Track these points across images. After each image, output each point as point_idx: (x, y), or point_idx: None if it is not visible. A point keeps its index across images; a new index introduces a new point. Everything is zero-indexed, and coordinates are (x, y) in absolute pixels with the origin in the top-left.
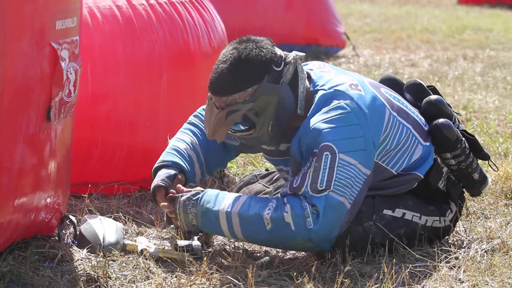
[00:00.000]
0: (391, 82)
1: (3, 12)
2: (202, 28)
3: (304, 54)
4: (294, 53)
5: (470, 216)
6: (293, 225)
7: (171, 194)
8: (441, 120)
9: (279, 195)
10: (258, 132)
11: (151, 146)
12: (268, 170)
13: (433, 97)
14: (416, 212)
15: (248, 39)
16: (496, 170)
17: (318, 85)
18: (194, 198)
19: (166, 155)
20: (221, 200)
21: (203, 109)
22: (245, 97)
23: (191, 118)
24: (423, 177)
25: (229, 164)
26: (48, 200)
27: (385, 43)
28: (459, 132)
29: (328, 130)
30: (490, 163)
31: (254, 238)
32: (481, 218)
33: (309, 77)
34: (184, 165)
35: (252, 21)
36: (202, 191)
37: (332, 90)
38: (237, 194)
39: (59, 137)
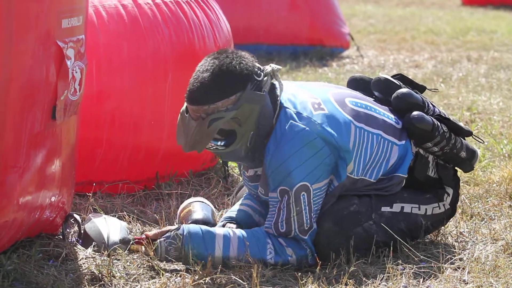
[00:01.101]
0: (358, 83)
1: (8, 11)
2: (208, 27)
3: (280, 67)
4: (271, 65)
5: (474, 217)
6: (297, 264)
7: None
8: (413, 113)
9: (264, 229)
10: (236, 145)
11: (156, 145)
12: None
13: (400, 91)
14: (414, 203)
15: (226, 50)
16: (482, 142)
17: (282, 100)
18: (175, 242)
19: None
20: (210, 241)
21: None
22: (228, 105)
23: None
24: (406, 176)
25: (233, 164)
26: (53, 198)
27: (389, 44)
28: (433, 119)
29: (299, 168)
30: (475, 137)
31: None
32: (486, 219)
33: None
34: (235, 216)
35: (256, 21)
36: (178, 229)
37: (295, 111)
38: (223, 233)
39: (64, 136)
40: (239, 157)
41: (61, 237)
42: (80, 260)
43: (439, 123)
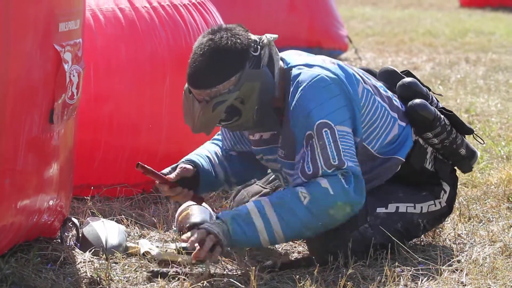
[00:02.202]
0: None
1: (6, 15)
2: (205, 31)
3: (276, 36)
4: (266, 35)
5: (472, 219)
6: (331, 188)
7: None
8: (416, 100)
9: (293, 180)
10: (242, 120)
11: (154, 148)
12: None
13: (407, 79)
14: (409, 202)
15: (220, 28)
16: (483, 143)
17: (290, 63)
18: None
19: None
20: (242, 207)
21: (217, 134)
22: (229, 86)
23: (206, 143)
24: (404, 160)
25: None
26: (51, 202)
27: (388, 46)
28: (436, 110)
29: (316, 108)
30: (475, 136)
31: (292, 223)
32: (484, 221)
33: (281, 59)
34: (198, 161)
35: (255, 24)
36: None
37: (306, 64)
38: (255, 206)
39: (62, 140)
40: (247, 128)
41: (59, 240)
42: (78, 264)
43: (441, 115)
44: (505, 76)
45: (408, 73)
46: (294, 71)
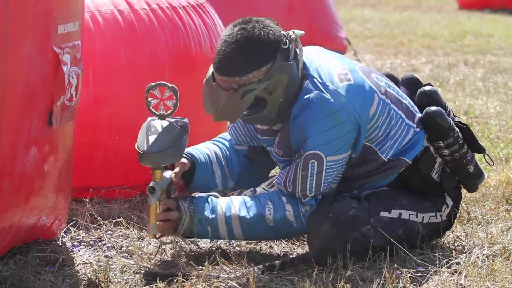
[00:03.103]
0: (388, 78)
1: (5, 17)
2: (204, 33)
3: (303, 32)
4: (294, 31)
5: (471, 221)
6: (295, 222)
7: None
8: (433, 108)
9: (275, 184)
10: (267, 111)
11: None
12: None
13: (427, 87)
14: (412, 210)
15: (251, 20)
16: (492, 164)
17: (308, 68)
18: (192, 206)
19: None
20: (215, 206)
21: (219, 137)
22: (260, 76)
23: (213, 138)
24: (410, 162)
25: None
26: (50, 204)
27: (386, 48)
28: (451, 121)
29: (316, 136)
30: (486, 157)
31: (254, 236)
32: (482, 223)
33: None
34: (197, 156)
35: None
36: (191, 196)
37: (321, 81)
38: (227, 198)
39: (61, 142)
40: (265, 121)
41: (58, 242)
42: (77, 265)
43: (456, 128)
44: (504, 78)
45: (430, 85)
46: (309, 83)
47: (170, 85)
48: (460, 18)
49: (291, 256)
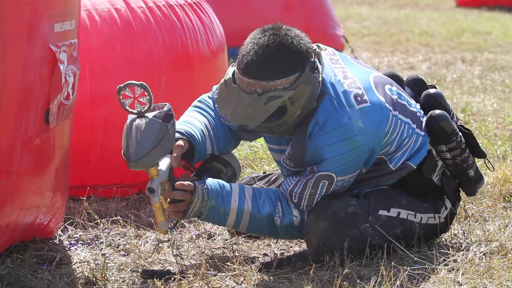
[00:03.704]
0: (393, 78)
1: (1, 15)
2: (201, 31)
3: (326, 48)
4: (319, 45)
5: (468, 218)
6: (299, 226)
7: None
8: (437, 111)
9: (281, 188)
10: (283, 121)
11: None
12: (265, 173)
13: (432, 90)
14: (411, 210)
15: (282, 27)
16: (492, 170)
17: (326, 84)
18: (205, 188)
19: (178, 125)
20: (228, 194)
21: (208, 97)
22: (286, 84)
23: (196, 103)
24: (415, 167)
25: None
26: (47, 202)
27: (384, 46)
28: (455, 125)
29: (332, 159)
30: (487, 162)
31: (257, 232)
32: (480, 220)
33: None
34: (195, 135)
35: (251, 24)
36: (204, 181)
37: (338, 102)
38: (239, 187)
39: (58, 140)
40: (275, 132)
41: (55, 241)
42: (74, 264)
43: (459, 132)
44: (501, 76)
45: (434, 87)
46: (327, 103)
47: (138, 82)
48: (457, 16)
49: (288, 254)
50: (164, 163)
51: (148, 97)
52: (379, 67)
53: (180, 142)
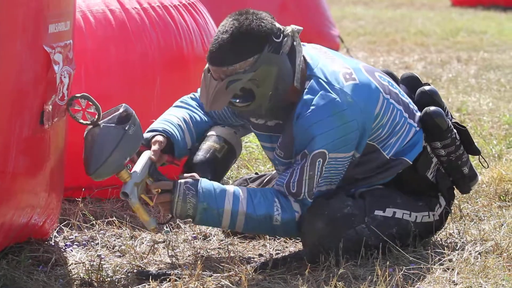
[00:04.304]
0: (388, 76)
1: None
2: (196, 31)
3: (301, 28)
4: (292, 26)
5: (463, 218)
6: (299, 224)
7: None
8: (432, 107)
9: (275, 186)
10: (256, 104)
11: (144, 149)
12: (258, 174)
13: (427, 87)
14: (406, 209)
15: (247, 11)
16: (487, 166)
17: (312, 69)
18: (193, 189)
19: (155, 124)
20: (221, 196)
21: (191, 97)
22: (246, 67)
23: (176, 102)
24: (411, 163)
25: None
26: (42, 204)
27: (379, 45)
28: (450, 122)
29: (321, 135)
30: (481, 159)
31: (253, 231)
32: (475, 220)
33: (304, 55)
34: (172, 130)
35: None
36: (197, 181)
37: (326, 80)
38: (233, 189)
39: (53, 141)
40: (259, 115)
41: (51, 242)
42: (70, 265)
43: (453, 129)
44: (496, 75)
45: (430, 85)
46: (314, 83)
47: (79, 95)
48: (452, 15)
49: (283, 254)
50: (139, 163)
51: (95, 106)
52: (374, 67)
53: (159, 138)
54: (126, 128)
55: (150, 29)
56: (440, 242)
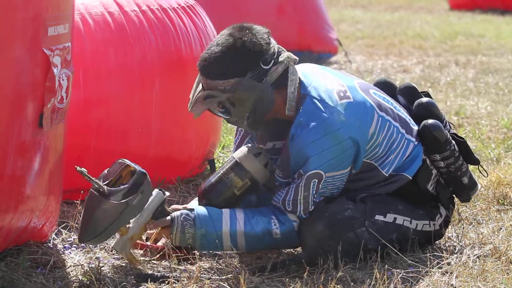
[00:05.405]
0: (386, 86)
1: None
2: (194, 34)
3: (297, 58)
4: (287, 54)
5: (462, 221)
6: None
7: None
8: (430, 120)
9: (272, 202)
10: (233, 120)
11: (143, 152)
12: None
13: (425, 99)
14: (407, 216)
15: (249, 28)
16: (486, 175)
17: (306, 87)
18: (190, 218)
19: None
20: (218, 219)
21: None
22: (227, 86)
23: None
24: (411, 178)
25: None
26: (40, 206)
27: (377, 49)
28: (448, 134)
29: (315, 156)
30: (481, 168)
31: (257, 248)
32: (473, 223)
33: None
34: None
35: None
36: (192, 210)
37: (320, 99)
38: (230, 210)
39: (51, 144)
40: (243, 127)
41: (49, 244)
42: (68, 267)
43: (452, 140)
44: (494, 79)
45: (427, 95)
46: (308, 102)
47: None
48: (450, 19)
49: (282, 257)
50: (146, 209)
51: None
52: (372, 70)
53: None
54: (131, 201)
55: (149, 32)
56: (439, 245)
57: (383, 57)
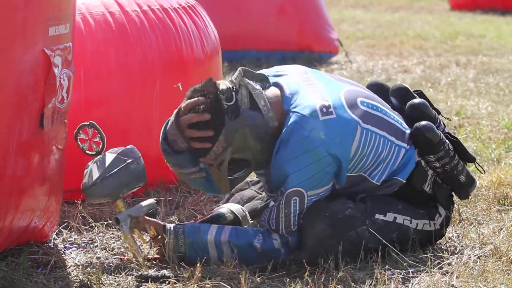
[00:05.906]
0: (378, 88)
1: None
2: (195, 34)
3: (245, 68)
4: (238, 71)
5: (463, 222)
6: (283, 249)
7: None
8: (422, 122)
9: (260, 221)
10: (253, 164)
11: (144, 152)
12: None
13: (416, 100)
14: (407, 215)
15: (193, 91)
16: (483, 172)
17: (290, 103)
18: (181, 227)
19: None
20: (205, 229)
21: None
22: (221, 145)
23: None
24: (404, 181)
25: None
26: (41, 206)
27: (378, 49)
28: (442, 134)
29: (294, 174)
30: (477, 165)
31: (246, 261)
32: (474, 224)
33: (281, 89)
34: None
35: (245, 27)
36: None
37: (301, 115)
38: (219, 225)
39: (52, 144)
40: (263, 166)
41: (50, 244)
42: (69, 267)
43: (446, 140)
44: (495, 79)
45: (421, 94)
46: (290, 118)
47: (87, 123)
48: (451, 19)
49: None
50: (142, 203)
51: (100, 136)
52: (373, 70)
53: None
54: (128, 161)
55: (150, 32)
56: (439, 245)
57: (384, 58)
